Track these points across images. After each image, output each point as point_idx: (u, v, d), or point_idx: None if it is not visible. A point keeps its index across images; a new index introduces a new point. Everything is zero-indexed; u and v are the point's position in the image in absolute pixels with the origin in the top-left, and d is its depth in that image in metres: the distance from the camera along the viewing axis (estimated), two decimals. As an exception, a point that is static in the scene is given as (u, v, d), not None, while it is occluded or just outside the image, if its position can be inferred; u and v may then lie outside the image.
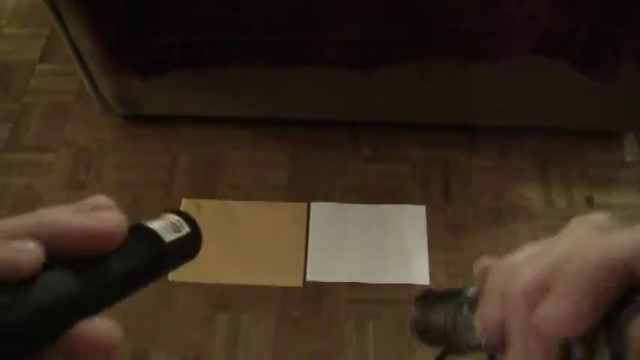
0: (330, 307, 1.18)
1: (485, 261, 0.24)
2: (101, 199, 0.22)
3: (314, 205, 1.28)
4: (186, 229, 0.24)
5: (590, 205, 1.30)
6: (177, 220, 0.24)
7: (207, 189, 1.32)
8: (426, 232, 1.25)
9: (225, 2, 0.99)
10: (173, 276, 1.20)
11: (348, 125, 1.38)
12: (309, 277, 1.20)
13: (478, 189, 1.32)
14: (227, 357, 1.14)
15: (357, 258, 1.23)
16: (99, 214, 0.21)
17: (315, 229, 1.26)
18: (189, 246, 0.25)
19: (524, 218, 1.28)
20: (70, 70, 1.37)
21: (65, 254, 0.20)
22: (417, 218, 1.27)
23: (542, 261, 0.21)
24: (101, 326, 0.19)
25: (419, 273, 1.21)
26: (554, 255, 0.21)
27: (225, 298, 1.18)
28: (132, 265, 0.22)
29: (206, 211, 1.28)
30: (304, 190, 1.31)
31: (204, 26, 1.04)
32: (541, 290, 0.20)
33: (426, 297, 0.31)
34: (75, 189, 1.32)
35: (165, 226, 0.23)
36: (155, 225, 0.23)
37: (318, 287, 1.20)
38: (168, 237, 0.23)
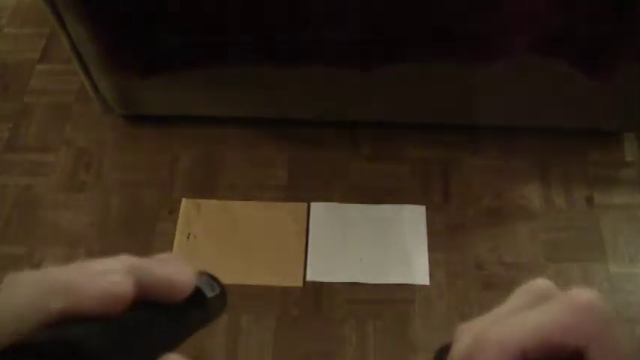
0: (330, 307, 1.18)
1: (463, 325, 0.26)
2: (171, 255, 0.24)
3: (314, 205, 1.28)
4: (218, 289, 0.28)
5: (590, 205, 1.30)
6: (210, 280, 0.27)
7: (207, 189, 1.32)
8: (426, 232, 1.25)
9: (226, 2, 0.99)
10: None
11: (348, 125, 1.38)
12: (309, 277, 1.20)
13: (478, 189, 1.32)
14: (227, 357, 1.14)
15: (357, 258, 1.23)
16: (178, 266, 0.23)
17: (315, 229, 1.26)
18: (221, 302, 0.29)
19: (524, 218, 1.28)
20: (70, 70, 1.37)
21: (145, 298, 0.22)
22: (417, 218, 1.27)
23: (471, 335, 0.23)
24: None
25: (419, 273, 1.21)
26: (478, 331, 0.23)
27: (225, 298, 1.18)
28: (193, 314, 0.25)
29: (206, 211, 1.28)
30: (304, 190, 1.31)
31: (204, 26, 1.04)
32: None
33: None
34: (75, 189, 1.32)
35: (206, 284, 0.26)
36: (198, 282, 0.26)
37: (318, 287, 1.20)
38: (209, 294, 0.26)
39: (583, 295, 0.21)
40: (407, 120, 1.35)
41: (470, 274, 1.21)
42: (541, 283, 0.24)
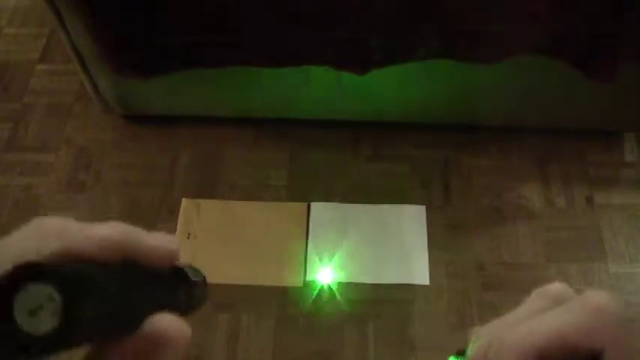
0: (330, 307, 1.18)
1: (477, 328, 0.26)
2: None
3: (314, 205, 1.28)
4: (201, 277, 0.29)
5: (590, 205, 1.30)
6: (194, 269, 0.29)
7: (207, 189, 1.32)
8: (426, 232, 1.25)
9: (226, 2, 0.99)
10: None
11: (348, 125, 1.38)
12: (309, 277, 1.20)
13: (478, 189, 1.32)
14: (227, 357, 1.14)
15: (357, 258, 1.23)
16: (164, 235, 0.25)
17: (315, 229, 1.26)
18: (203, 291, 0.30)
19: (524, 218, 1.28)
20: (70, 70, 1.37)
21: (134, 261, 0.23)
22: (417, 218, 1.27)
23: (487, 339, 0.23)
24: (173, 321, 0.22)
25: (419, 273, 1.21)
26: (495, 334, 0.23)
27: (225, 298, 1.18)
28: (179, 290, 0.26)
29: (206, 211, 1.28)
30: (304, 190, 1.31)
31: (204, 26, 1.04)
32: None
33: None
34: (75, 189, 1.32)
35: (190, 271, 0.28)
36: (184, 268, 0.28)
37: (318, 287, 1.20)
38: (193, 278, 0.28)
39: (599, 297, 0.22)
40: (407, 120, 1.35)
41: (470, 274, 1.21)
42: (557, 287, 0.24)
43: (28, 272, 0.18)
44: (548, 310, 0.23)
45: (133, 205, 1.30)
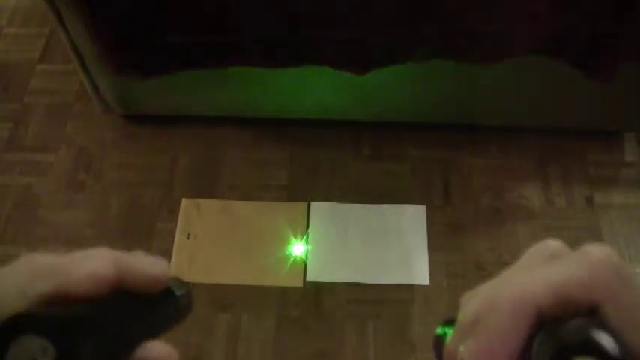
0: (330, 307, 1.18)
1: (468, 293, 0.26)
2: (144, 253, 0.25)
3: (314, 205, 1.28)
4: (185, 288, 0.29)
5: (590, 205, 1.30)
6: (178, 281, 0.29)
7: (207, 189, 1.32)
8: (426, 232, 1.25)
9: (226, 2, 0.99)
10: (173, 276, 1.20)
11: (348, 125, 1.38)
12: (309, 277, 1.20)
13: (478, 189, 1.32)
14: (227, 357, 1.14)
15: (357, 258, 1.23)
16: (153, 259, 0.25)
17: (315, 229, 1.26)
18: (188, 301, 0.30)
19: (524, 218, 1.28)
20: (70, 70, 1.37)
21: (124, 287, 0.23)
22: (417, 218, 1.27)
23: (480, 297, 0.22)
24: (163, 349, 0.22)
25: (419, 273, 1.21)
26: (488, 292, 0.22)
27: (225, 298, 1.18)
28: (166, 308, 0.27)
29: (206, 211, 1.28)
30: (304, 190, 1.31)
31: (204, 26, 1.04)
32: (471, 328, 0.21)
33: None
34: (75, 189, 1.32)
35: (175, 284, 0.28)
36: (169, 282, 0.28)
37: (318, 287, 1.20)
38: (178, 292, 0.28)
39: (597, 250, 0.21)
40: (407, 120, 1.35)
41: (470, 274, 1.21)
42: (552, 243, 0.23)
43: (21, 324, 0.18)
44: (545, 265, 0.22)
45: (133, 205, 1.30)
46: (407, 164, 1.35)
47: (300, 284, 1.20)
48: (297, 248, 1.23)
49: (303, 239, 1.24)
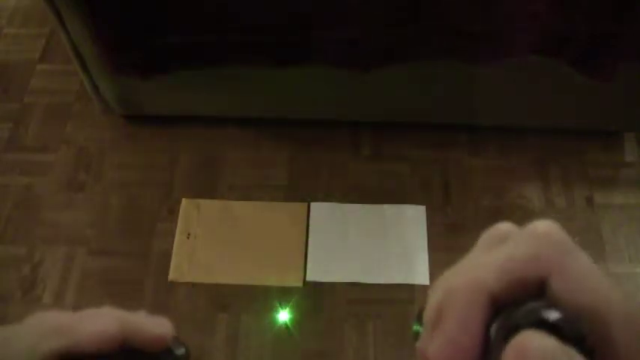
0: (330, 307, 1.18)
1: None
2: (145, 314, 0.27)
3: (314, 205, 1.28)
4: (183, 349, 0.30)
5: (590, 205, 1.30)
6: (177, 341, 0.30)
7: (207, 189, 1.32)
8: (426, 232, 1.25)
9: (226, 2, 0.99)
10: (173, 276, 1.20)
11: (348, 125, 1.38)
12: (309, 277, 1.20)
13: (478, 189, 1.32)
14: (227, 357, 1.14)
15: (357, 258, 1.23)
16: (156, 319, 0.26)
17: (315, 229, 1.26)
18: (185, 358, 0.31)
19: (524, 218, 1.27)
20: (70, 70, 1.37)
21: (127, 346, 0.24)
22: (417, 218, 1.27)
23: (439, 289, 0.22)
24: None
25: (419, 273, 1.21)
26: (445, 283, 0.22)
27: (225, 298, 1.18)
28: None
29: (206, 211, 1.28)
30: (304, 190, 1.31)
31: (204, 26, 1.04)
32: (436, 322, 0.21)
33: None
34: (75, 189, 1.32)
35: (174, 344, 0.29)
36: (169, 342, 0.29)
37: (318, 287, 1.20)
38: (177, 352, 0.28)
39: (542, 225, 0.21)
40: (407, 120, 1.35)
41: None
42: (501, 226, 0.23)
43: None
44: (495, 249, 0.22)
45: (133, 205, 1.30)
46: (407, 164, 1.35)
47: (300, 284, 1.20)
48: (297, 248, 1.23)
49: (303, 239, 1.24)
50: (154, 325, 0.25)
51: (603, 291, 0.19)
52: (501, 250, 0.21)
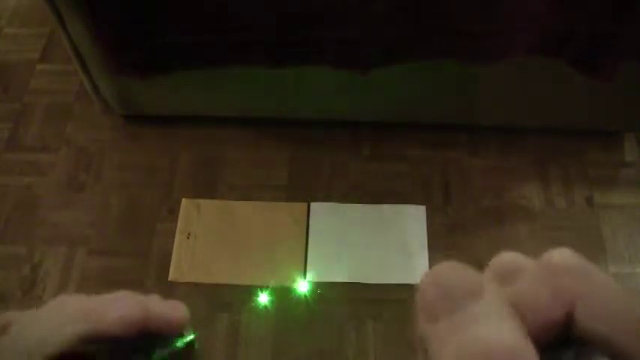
0: (330, 307, 1.18)
1: None
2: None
3: (314, 205, 1.28)
4: (192, 335, 0.30)
5: (590, 205, 1.30)
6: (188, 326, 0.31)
7: (207, 189, 1.32)
8: (426, 232, 1.25)
9: (226, 2, 0.99)
10: (173, 276, 1.20)
11: (348, 125, 1.38)
12: (309, 277, 1.20)
13: (478, 189, 1.32)
14: (227, 357, 1.14)
15: (357, 258, 1.23)
16: (174, 303, 0.27)
17: (315, 229, 1.26)
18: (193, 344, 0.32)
19: (524, 218, 1.28)
20: (70, 70, 1.37)
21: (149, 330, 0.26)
22: (417, 218, 1.27)
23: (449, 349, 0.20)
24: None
25: (419, 273, 1.21)
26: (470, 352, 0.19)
27: (225, 298, 1.18)
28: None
29: (206, 211, 1.28)
30: (304, 190, 1.31)
31: (204, 26, 1.04)
32: None
33: None
34: (75, 189, 1.32)
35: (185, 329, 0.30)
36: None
37: (318, 287, 1.20)
38: (188, 336, 0.30)
39: (555, 257, 0.20)
40: (407, 120, 1.35)
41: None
42: (508, 257, 0.21)
43: None
44: (509, 286, 0.20)
45: (133, 205, 1.30)
46: (407, 164, 1.35)
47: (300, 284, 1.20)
48: (297, 248, 1.23)
49: (303, 239, 1.24)
50: (172, 309, 0.26)
51: (628, 311, 0.19)
52: (520, 292, 0.19)
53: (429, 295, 0.19)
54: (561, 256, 0.20)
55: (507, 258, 0.21)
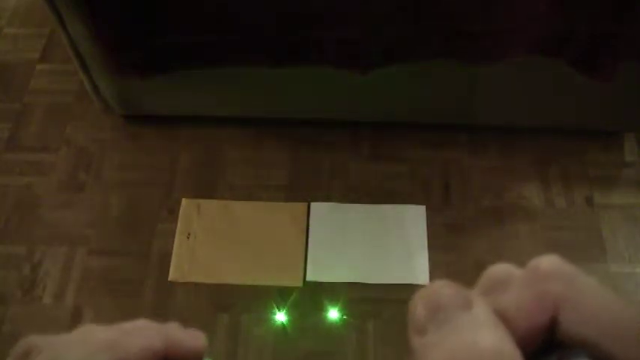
0: (330, 307, 1.18)
1: None
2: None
3: (314, 205, 1.28)
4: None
5: (590, 205, 1.30)
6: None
7: (207, 189, 1.32)
8: (426, 232, 1.25)
9: (226, 2, 0.99)
10: (173, 276, 1.20)
11: (348, 125, 1.38)
12: (309, 277, 1.20)
13: (478, 189, 1.32)
14: (227, 357, 1.14)
15: (357, 258, 1.23)
16: (194, 332, 0.27)
17: (315, 229, 1.26)
18: None
19: (524, 218, 1.28)
20: (70, 70, 1.37)
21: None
22: (417, 218, 1.27)
23: None
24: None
25: (419, 273, 1.21)
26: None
27: (225, 298, 1.18)
28: None
29: (206, 211, 1.28)
30: (304, 190, 1.31)
31: (204, 26, 1.04)
32: None
33: None
34: (75, 189, 1.32)
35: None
36: None
37: (318, 287, 1.20)
38: None
39: (543, 263, 0.21)
40: (407, 120, 1.35)
41: (470, 274, 1.21)
42: (499, 269, 0.22)
43: None
44: (498, 296, 0.21)
45: (133, 205, 1.30)
46: (407, 164, 1.35)
47: (300, 284, 1.20)
48: (297, 248, 1.23)
49: (303, 239, 1.24)
50: (192, 339, 0.27)
51: (613, 315, 0.19)
52: (506, 298, 0.20)
53: (419, 310, 0.20)
54: (548, 261, 0.20)
55: (497, 269, 0.22)
